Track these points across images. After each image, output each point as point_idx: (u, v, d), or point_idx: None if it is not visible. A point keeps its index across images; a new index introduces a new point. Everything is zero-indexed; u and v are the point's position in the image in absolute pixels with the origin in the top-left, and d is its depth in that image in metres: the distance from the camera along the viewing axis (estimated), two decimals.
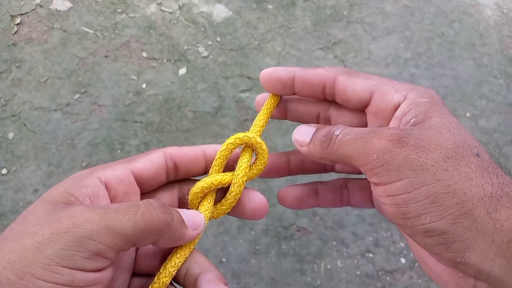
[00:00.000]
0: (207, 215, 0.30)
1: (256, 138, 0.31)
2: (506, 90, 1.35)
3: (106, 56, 1.29)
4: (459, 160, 0.24)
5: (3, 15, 1.32)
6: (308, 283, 1.01)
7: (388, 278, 1.03)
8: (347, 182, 0.36)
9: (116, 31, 1.33)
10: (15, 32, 1.30)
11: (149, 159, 0.29)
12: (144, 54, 1.30)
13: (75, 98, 1.21)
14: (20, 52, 1.27)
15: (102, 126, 1.17)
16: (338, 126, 0.29)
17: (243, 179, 0.30)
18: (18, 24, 1.32)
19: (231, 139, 0.30)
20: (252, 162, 0.32)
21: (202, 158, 0.31)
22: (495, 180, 0.24)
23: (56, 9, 1.36)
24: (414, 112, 0.27)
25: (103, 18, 1.36)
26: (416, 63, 1.37)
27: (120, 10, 1.38)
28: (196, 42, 1.34)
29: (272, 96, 0.34)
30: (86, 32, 1.32)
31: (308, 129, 0.31)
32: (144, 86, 1.24)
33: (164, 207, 0.26)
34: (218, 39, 1.35)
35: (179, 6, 1.40)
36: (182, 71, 1.28)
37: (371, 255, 1.05)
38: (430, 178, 0.24)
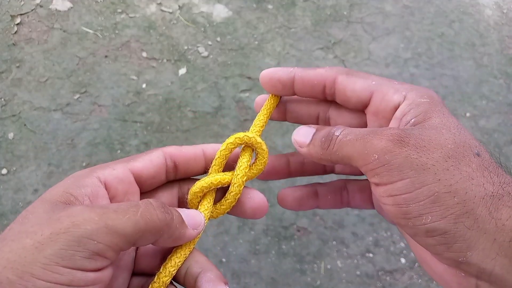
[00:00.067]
0: (206, 214, 0.30)
1: (256, 138, 0.31)
2: (506, 90, 1.35)
3: (106, 56, 1.29)
4: (460, 160, 0.24)
5: (3, 15, 1.32)
6: (308, 283, 1.01)
7: (388, 278, 1.03)
8: (346, 184, 0.36)
9: (116, 31, 1.33)
10: (15, 32, 1.30)
11: (148, 159, 0.29)
12: (144, 54, 1.30)
13: (75, 98, 1.21)
14: (20, 52, 1.27)
15: (102, 126, 1.17)
16: (338, 127, 0.29)
17: (243, 179, 0.30)
18: (18, 24, 1.32)
19: (231, 139, 0.30)
20: (252, 162, 0.32)
21: (201, 157, 0.31)
22: (496, 180, 0.24)
23: (56, 9, 1.36)
24: (414, 112, 0.27)
25: (103, 18, 1.36)
26: (416, 63, 1.37)
27: (120, 10, 1.38)
28: (196, 42, 1.34)
29: (272, 96, 0.34)
30: (86, 32, 1.32)
31: (308, 130, 0.30)
32: (144, 86, 1.24)
33: (164, 206, 0.26)
34: (218, 39, 1.35)
35: (179, 6, 1.40)
36: (182, 71, 1.28)
37: (371, 255, 1.05)
38: (431, 178, 0.24)
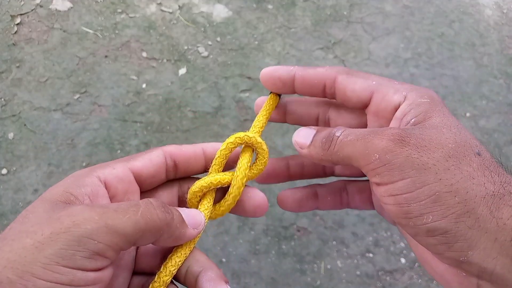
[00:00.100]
0: (207, 214, 0.29)
1: (257, 138, 0.31)
2: (506, 90, 1.35)
3: (106, 56, 1.29)
4: (461, 159, 0.24)
5: (3, 15, 1.32)
6: (308, 283, 1.01)
7: (388, 278, 1.03)
8: (346, 185, 0.36)
9: (116, 31, 1.33)
10: (15, 32, 1.30)
11: (148, 158, 0.29)
12: (144, 54, 1.30)
13: (75, 98, 1.21)
14: (20, 52, 1.27)
15: (102, 126, 1.17)
16: (339, 128, 0.29)
17: (243, 180, 0.30)
18: (18, 24, 1.32)
19: (231, 138, 0.30)
20: (252, 163, 0.32)
21: (201, 156, 0.31)
22: (497, 179, 0.24)
23: (56, 9, 1.36)
24: (414, 112, 0.27)
25: (103, 18, 1.35)
26: (416, 63, 1.37)
27: (120, 10, 1.38)
28: (196, 42, 1.34)
29: (271, 97, 0.34)
30: (86, 32, 1.32)
31: (308, 131, 0.30)
32: (144, 86, 1.24)
33: (164, 206, 0.25)
34: (218, 39, 1.35)
35: (179, 6, 1.40)
36: (182, 71, 1.28)
37: (371, 255, 1.05)
38: (432, 177, 0.24)
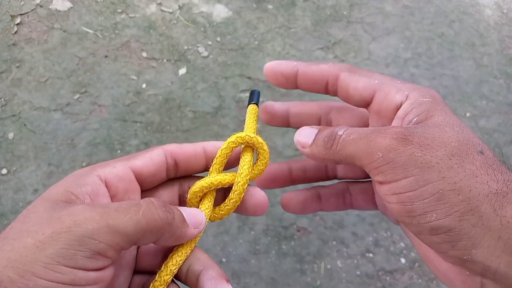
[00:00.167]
0: (207, 213, 0.30)
1: (258, 138, 0.31)
2: (506, 90, 1.35)
3: (106, 56, 1.29)
4: (464, 158, 0.24)
5: (3, 15, 1.32)
6: (308, 283, 1.01)
7: (388, 278, 1.03)
8: (349, 186, 0.36)
9: (116, 31, 1.33)
10: (15, 32, 1.30)
11: (149, 157, 0.29)
12: (144, 54, 1.30)
13: (75, 98, 1.21)
14: (20, 52, 1.27)
15: (102, 126, 1.17)
16: (341, 127, 0.29)
17: (247, 177, 0.30)
18: (18, 24, 1.32)
19: (232, 138, 0.30)
20: (252, 164, 0.32)
21: (202, 155, 0.31)
22: (500, 177, 0.24)
23: (56, 9, 1.36)
24: (416, 111, 0.27)
25: (103, 18, 1.35)
26: (416, 63, 1.37)
27: (120, 10, 1.38)
28: (196, 42, 1.34)
29: (252, 107, 0.34)
30: (86, 32, 1.32)
31: (310, 130, 0.30)
32: (144, 86, 1.24)
33: (165, 205, 0.25)
34: (218, 39, 1.35)
35: (179, 6, 1.40)
36: (182, 71, 1.28)
37: (371, 255, 1.05)
38: (436, 176, 0.24)
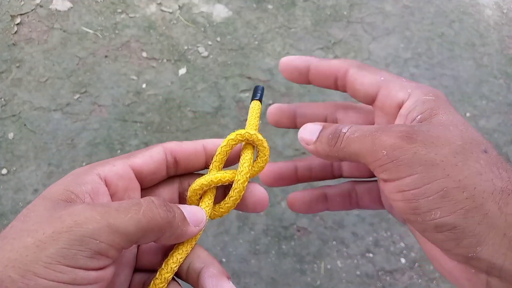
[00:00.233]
0: (208, 211, 0.30)
1: (258, 135, 0.31)
2: (506, 90, 1.35)
3: (106, 56, 1.29)
4: (468, 156, 0.24)
5: (3, 15, 1.32)
6: (308, 283, 1.01)
7: (388, 278, 1.03)
8: (355, 185, 0.37)
9: (116, 31, 1.33)
10: (15, 32, 1.30)
11: (148, 155, 0.29)
12: (144, 54, 1.30)
13: (75, 98, 1.21)
14: (20, 52, 1.27)
15: (102, 126, 1.17)
16: (345, 124, 0.29)
17: (247, 175, 0.30)
18: (18, 24, 1.32)
19: (232, 135, 0.30)
20: (253, 161, 0.32)
21: (202, 153, 0.31)
22: (504, 175, 0.24)
23: (56, 9, 1.36)
24: (419, 109, 0.27)
25: (103, 18, 1.35)
26: (416, 63, 1.37)
27: (120, 10, 1.38)
28: (196, 42, 1.34)
29: (255, 103, 0.35)
30: (86, 32, 1.32)
31: (314, 127, 0.31)
32: (144, 86, 1.24)
33: (166, 204, 0.25)
34: (218, 39, 1.35)
35: (179, 6, 1.40)
36: (182, 71, 1.28)
37: (371, 255, 1.05)
38: (440, 173, 0.24)
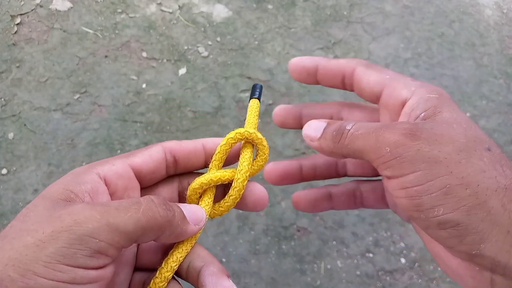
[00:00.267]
0: (207, 210, 0.29)
1: (257, 134, 0.31)
2: (506, 90, 1.35)
3: (106, 56, 1.29)
4: (472, 153, 0.24)
5: (3, 15, 1.32)
6: (308, 283, 1.01)
7: (388, 278, 1.03)
8: (359, 184, 0.37)
9: (116, 31, 1.33)
10: (15, 32, 1.30)
11: (148, 154, 0.29)
12: (144, 54, 1.30)
13: (75, 98, 1.21)
14: (20, 52, 1.27)
15: (102, 126, 1.17)
16: (350, 121, 0.29)
17: (247, 174, 0.30)
18: (18, 24, 1.32)
19: (231, 134, 0.30)
20: (252, 160, 0.32)
21: (201, 151, 0.31)
22: (508, 173, 0.24)
23: (56, 9, 1.36)
24: (423, 107, 0.28)
25: (103, 18, 1.35)
26: (416, 63, 1.37)
27: (120, 10, 1.38)
28: (196, 42, 1.34)
29: (254, 101, 0.35)
30: (86, 32, 1.32)
31: (319, 124, 0.31)
32: (144, 86, 1.24)
33: (166, 203, 0.25)
34: (218, 39, 1.35)
35: (179, 6, 1.40)
36: (182, 71, 1.28)
37: (371, 255, 1.05)
38: (443, 170, 0.24)
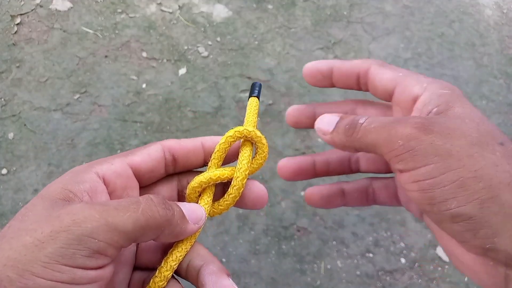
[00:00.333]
0: (207, 208, 0.29)
1: (256, 132, 0.31)
2: (506, 90, 1.35)
3: (106, 56, 1.29)
4: (484, 147, 0.24)
5: (3, 15, 1.32)
6: (308, 283, 1.01)
7: (388, 278, 1.03)
8: (372, 181, 0.37)
9: (116, 31, 1.33)
10: (15, 32, 1.30)
11: (147, 153, 0.29)
12: (144, 54, 1.30)
13: (75, 98, 1.21)
14: (20, 52, 1.27)
15: (102, 126, 1.17)
16: (362, 115, 0.29)
17: (246, 172, 0.30)
18: (18, 24, 1.32)
19: (230, 132, 0.30)
20: (251, 158, 0.32)
21: (200, 150, 0.31)
22: None
23: (56, 9, 1.36)
24: (435, 102, 0.28)
25: (103, 18, 1.35)
26: (416, 63, 1.37)
27: (120, 10, 1.38)
28: (196, 42, 1.34)
29: (253, 99, 0.34)
30: (86, 32, 1.32)
31: (331, 118, 0.31)
32: (144, 86, 1.24)
33: (165, 202, 0.25)
34: (218, 39, 1.35)
35: (179, 6, 1.40)
36: (182, 71, 1.28)
37: (371, 255, 1.05)
38: (456, 164, 0.24)
